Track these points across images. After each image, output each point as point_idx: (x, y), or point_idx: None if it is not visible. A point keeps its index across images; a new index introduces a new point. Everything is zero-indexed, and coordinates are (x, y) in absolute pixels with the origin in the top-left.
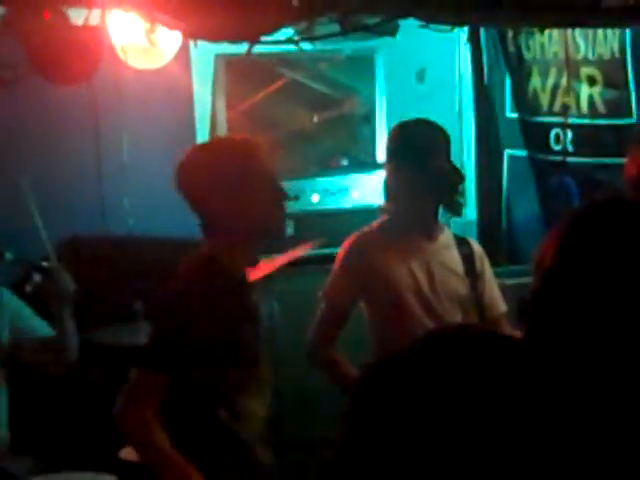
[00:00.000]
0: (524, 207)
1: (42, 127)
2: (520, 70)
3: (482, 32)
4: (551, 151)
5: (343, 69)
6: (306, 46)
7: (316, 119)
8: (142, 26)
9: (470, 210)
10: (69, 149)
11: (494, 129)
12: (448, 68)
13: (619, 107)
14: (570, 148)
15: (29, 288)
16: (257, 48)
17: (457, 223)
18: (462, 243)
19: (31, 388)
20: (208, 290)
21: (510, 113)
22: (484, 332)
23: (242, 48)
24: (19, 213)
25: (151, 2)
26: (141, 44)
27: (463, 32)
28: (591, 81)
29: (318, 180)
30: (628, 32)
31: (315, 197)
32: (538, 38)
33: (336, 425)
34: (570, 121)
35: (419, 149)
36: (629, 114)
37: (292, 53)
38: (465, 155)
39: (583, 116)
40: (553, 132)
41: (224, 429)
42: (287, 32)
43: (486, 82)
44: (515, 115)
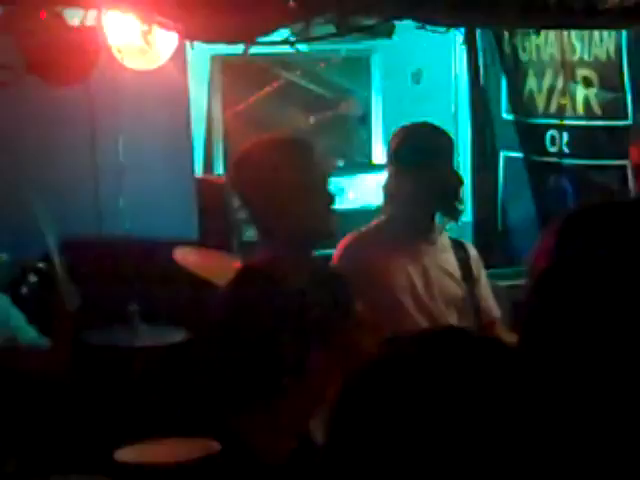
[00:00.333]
0: (520, 208)
1: (38, 128)
2: (516, 71)
3: (478, 33)
4: (547, 152)
5: (339, 70)
6: (302, 47)
7: (312, 120)
8: (138, 27)
9: (465, 212)
10: (65, 150)
11: (490, 130)
12: (444, 69)
13: (615, 109)
14: (566, 150)
15: (24, 289)
16: (253, 49)
17: (452, 225)
18: (459, 247)
19: (26, 389)
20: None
21: (506, 114)
22: (472, 335)
23: (238, 49)
24: (14, 214)
25: (147, 3)
26: (137, 45)
27: (459, 33)
28: (587, 83)
29: None
30: (624, 34)
31: None
32: (534, 40)
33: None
34: (566, 123)
35: (424, 153)
36: (625, 116)
37: (288, 54)
38: (461, 156)
39: (579, 117)
40: (549, 134)
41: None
42: (283, 33)
43: (482, 83)
44: (511, 116)
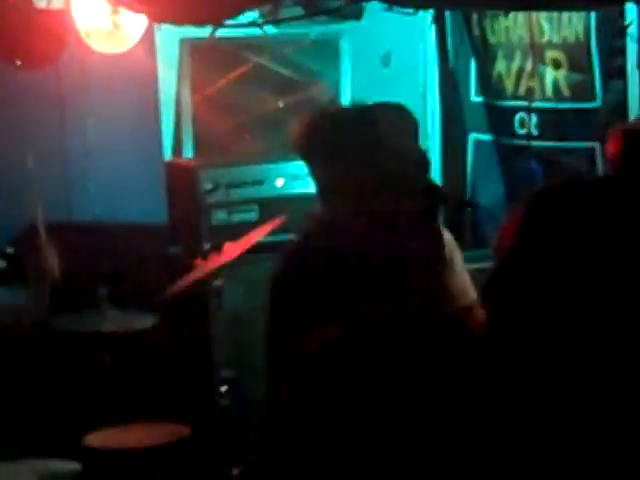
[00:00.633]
0: (489, 191)
1: (6, 111)
2: (485, 54)
3: (447, 16)
4: (516, 135)
5: (308, 53)
6: (271, 30)
7: (281, 103)
8: (106, 10)
9: None
10: (34, 134)
11: (459, 113)
12: (413, 52)
13: (584, 91)
14: (535, 132)
15: None
16: (222, 32)
17: None
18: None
19: None
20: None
21: (475, 97)
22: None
23: (207, 32)
24: None
25: None
26: (105, 28)
27: (429, 15)
28: (556, 65)
29: (283, 165)
30: (592, 15)
31: (280, 182)
32: (503, 21)
33: None
34: (535, 105)
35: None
36: (593, 98)
37: (257, 37)
38: (430, 139)
39: (548, 100)
40: (518, 116)
41: None
42: (252, 16)
43: (451, 66)
44: (480, 99)
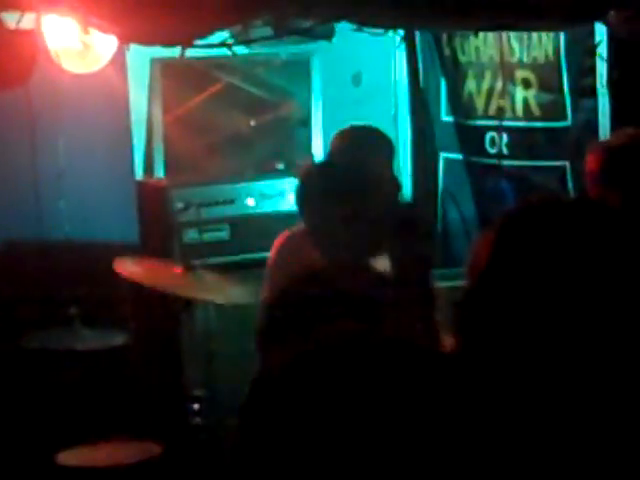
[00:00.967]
0: (460, 210)
1: None
2: (455, 73)
3: (417, 36)
4: (486, 154)
5: (279, 73)
6: (242, 50)
7: (252, 123)
8: (77, 30)
9: None
10: (5, 154)
11: (430, 132)
12: (384, 72)
13: (554, 110)
14: (505, 151)
15: None
16: (193, 52)
17: None
18: None
19: None
20: None
21: (445, 116)
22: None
23: (178, 52)
24: None
25: (85, 6)
26: (76, 48)
27: (399, 35)
28: (526, 84)
29: (254, 184)
30: (562, 35)
31: (251, 201)
32: (473, 41)
33: None
34: (505, 124)
35: (363, 155)
36: (564, 117)
37: (228, 57)
38: (401, 158)
39: (518, 119)
40: (488, 135)
41: None
42: (223, 36)
43: (421, 85)
44: (450, 118)
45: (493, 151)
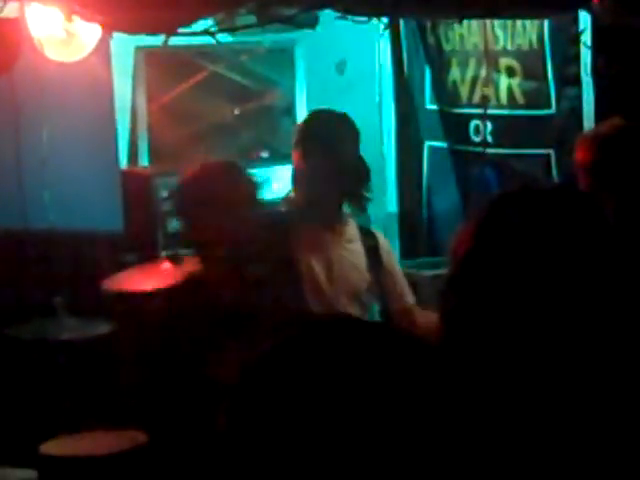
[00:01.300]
0: (444, 198)
1: None
2: (439, 61)
3: (401, 24)
4: (471, 142)
5: (263, 61)
6: (226, 38)
7: (237, 111)
8: (60, 18)
9: (391, 202)
10: None
11: (414, 120)
12: (368, 60)
13: (538, 98)
14: (490, 139)
15: None
16: (177, 40)
17: (378, 215)
18: (367, 236)
19: None
20: None
21: (430, 104)
22: (365, 323)
23: (162, 40)
24: None
25: None
26: (60, 36)
27: (383, 23)
28: (510, 72)
29: None
30: (546, 23)
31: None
32: (457, 29)
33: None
34: (489, 112)
35: (325, 139)
36: (548, 105)
37: (212, 45)
38: (385, 146)
39: (502, 107)
40: (473, 123)
41: None
42: (206, 24)
43: (406, 74)
44: (435, 106)
45: (477, 139)
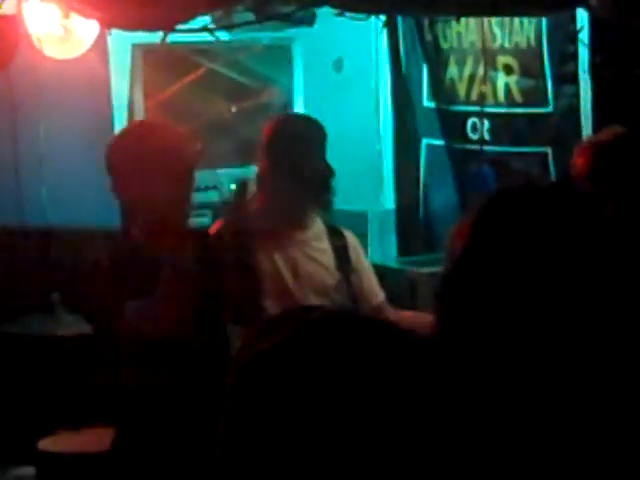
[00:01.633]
0: (441, 196)
1: None
2: (437, 59)
3: (399, 21)
4: (468, 140)
5: (261, 59)
6: (224, 35)
7: (234, 109)
8: (58, 15)
9: (388, 199)
10: None
11: (411, 118)
12: (365, 57)
13: (535, 96)
14: (487, 137)
15: None
16: (175, 37)
17: (374, 212)
18: (335, 235)
19: None
20: None
21: (427, 102)
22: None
23: (159, 37)
24: None
25: None
26: (57, 33)
27: (381, 21)
28: (508, 70)
29: (236, 170)
30: (544, 21)
31: (233, 187)
32: (455, 27)
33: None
34: (487, 110)
35: (293, 143)
36: (545, 103)
37: (210, 43)
38: (382, 144)
39: (500, 105)
40: (470, 121)
41: None
42: (204, 21)
43: (403, 71)
44: (432, 104)
45: (475, 137)
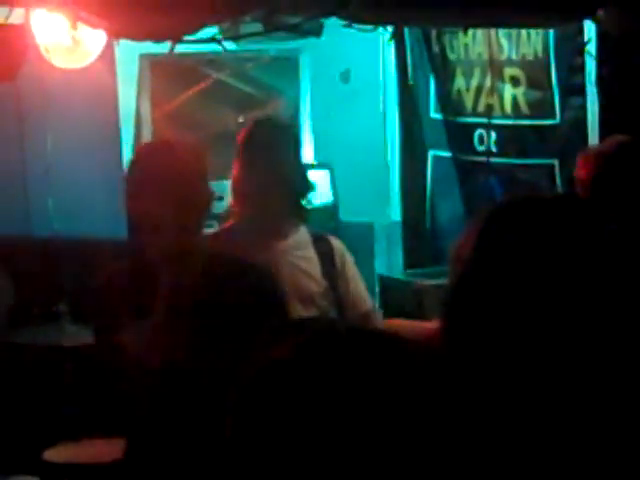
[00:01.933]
0: (448, 207)
1: None
2: (444, 71)
3: (406, 32)
4: (475, 152)
5: (268, 69)
6: (231, 46)
7: (241, 119)
8: (66, 25)
9: (394, 211)
10: None
11: (418, 129)
12: (373, 69)
13: (542, 108)
14: (494, 149)
15: None
16: (182, 48)
17: (381, 224)
18: (320, 241)
19: None
20: None
21: (434, 114)
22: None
23: (167, 47)
24: None
25: (74, 1)
26: (65, 43)
27: (388, 32)
28: (514, 82)
29: None
30: (551, 33)
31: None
32: (462, 38)
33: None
34: (494, 122)
35: (268, 149)
36: (552, 115)
37: (217, 53)
38: (389, 155)
39: (507, 117)
40: (477, 133)
41: None
42: (211, 32)
43: (410, 82)
44: (439, 116)
45: (482, 148)
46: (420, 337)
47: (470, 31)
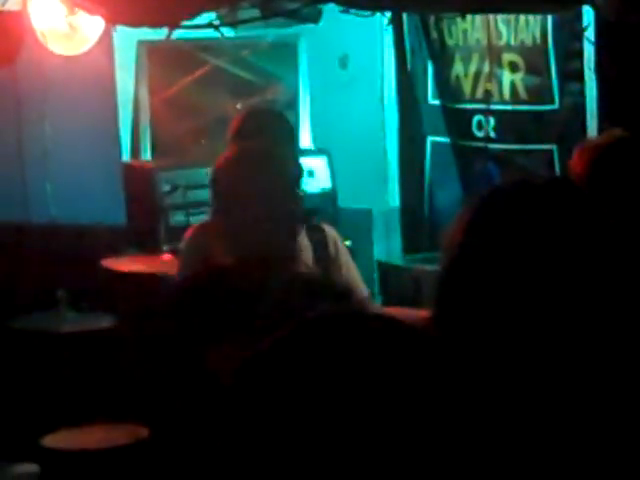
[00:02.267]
0: (447, 193)
1: None
2: (442, 56)
3: (404, 18)
4: (473, 137)
5: (266, 56)
6: (229, 32)
7: (239, 106)
8: (63, 11)
9: (393, 197)
10: None
11: (417, 115)
12: (371, 54)
13: (541, 93)
14: (492, 134)
15: None
16: (180, 34)
17: (379, 210)
18: (313, 230)
19: None
20: None
21: (432, 100)
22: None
23: (164, 34)
24: None
25: None
26: (62, 29)
27: (386, 18)
28: (513, 67)
29: None
30: (550, 19)
31: None
32: (460, 24)
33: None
34: (492, 108)
35: (257, 136)
36: (551, 100)
37: (215, 39)
38: (388, 141)
39: (505, 102)
40: (475, 118)
41: None
42: (209, 17)
43: (409, 68)
44: (437, 102)
45: (480, 134)
46: (416, 323)
47: (468, 17)
